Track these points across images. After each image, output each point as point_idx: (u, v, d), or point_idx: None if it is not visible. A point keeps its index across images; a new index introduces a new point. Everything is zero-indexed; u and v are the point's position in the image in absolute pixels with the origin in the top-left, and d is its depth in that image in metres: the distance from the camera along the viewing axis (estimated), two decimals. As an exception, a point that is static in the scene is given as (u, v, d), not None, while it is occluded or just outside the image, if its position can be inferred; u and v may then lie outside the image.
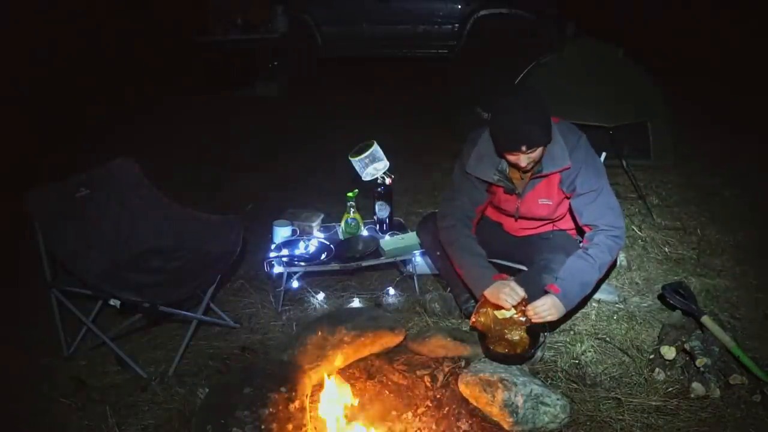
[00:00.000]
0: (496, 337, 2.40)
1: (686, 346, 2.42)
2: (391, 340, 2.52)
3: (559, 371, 2.48)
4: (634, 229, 3.62)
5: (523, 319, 2.33)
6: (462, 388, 2.26)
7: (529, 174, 2.39)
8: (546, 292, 2.30)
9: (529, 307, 2.27)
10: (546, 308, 2.24)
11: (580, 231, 2.53)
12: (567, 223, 2.62)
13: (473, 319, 2.38)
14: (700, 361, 2.35)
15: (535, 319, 2.27)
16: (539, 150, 2.26)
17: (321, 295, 3.07)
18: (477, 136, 2.48)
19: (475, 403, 2.21)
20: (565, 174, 2.37)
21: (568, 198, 2.45)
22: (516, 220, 2.60)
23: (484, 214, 2.72)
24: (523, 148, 2.21)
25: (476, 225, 2.59)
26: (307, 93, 6.98)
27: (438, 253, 2.75)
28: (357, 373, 2.43)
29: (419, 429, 2.13)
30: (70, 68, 7.19)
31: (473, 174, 2.47)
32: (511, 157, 2.29)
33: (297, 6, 7.38)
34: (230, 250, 2.70)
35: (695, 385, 2.32)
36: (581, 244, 2.42)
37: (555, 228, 2.63)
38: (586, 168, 2.35)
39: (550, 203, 2.46)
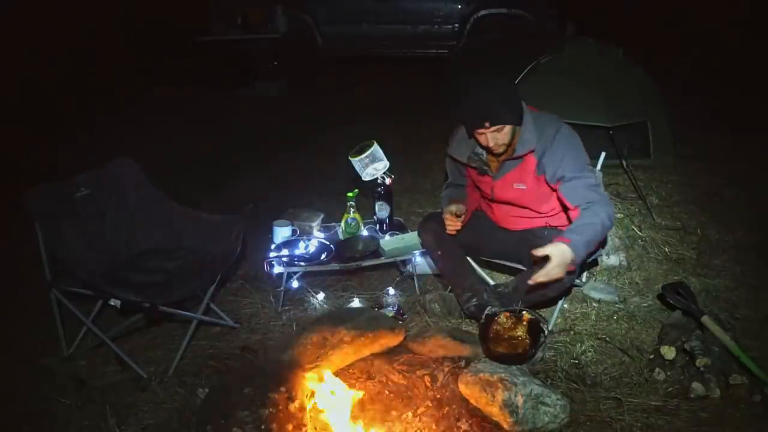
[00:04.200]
0: (497, 337, 2.41)
1: (686, 346, 2.43)
2: (391, 340, 2.52)
3: (559, 371, 2.48)
4: (634, 229, 3.62)
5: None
6: (462, 388, 2.26)
7: (501, 157, 2.46)
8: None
9: (540, 273, 2.16)
10: (555, 265, 2.14)
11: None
12: (559, 220, 2.62)
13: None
14: (700, 361, 2.35)
15: (542, 278, 2.17)
16: (506, 129, 2.32)
17: (321, 295, 3.07)
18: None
19: (475, 403, 2.21)
20: (547, 161, 2.39)
21: (553, 189, 2.45)
22: (491, 203, 2.65)
23: (481, 209, 2.78)
24: (487, 125, 2.28)
25: (470, 213, 2.69)
26: (307, 93, 6.97)
27: (439, 253, 2.76)
28: (357, 373, 2.43)
29: (419, 429, 2.14)
30: (69, 68, 7.19)
31: (452, 155, 2.62)
32: (480, 138, 2.36)
33: (297, 6, 7.37)
34: (230, 250, 2.70)
35: (695, 385, 2.32)
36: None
37: (548, 225, 2.63)
38: (568, 155, 2.38)
39: (524, 187, 2.50)
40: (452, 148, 2.62)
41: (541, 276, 2.16)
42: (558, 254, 2.15)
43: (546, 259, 2.16)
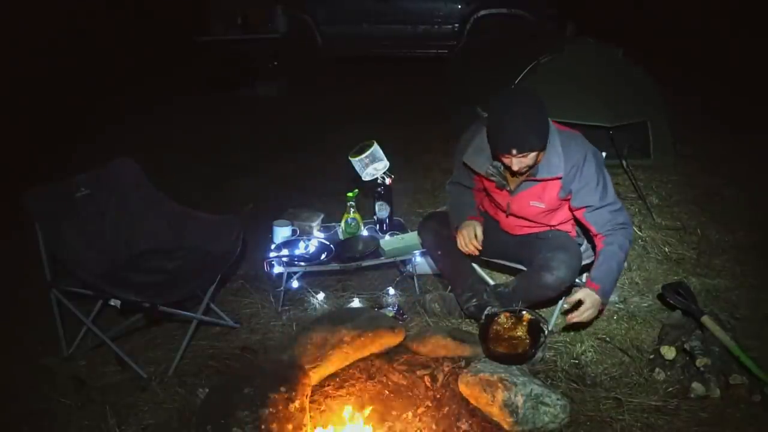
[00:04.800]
0: (497, 337, 2.41)
1: (686, 346, 2.43)
2: (391, 340, 2.52)
3: (559, 371, 2.48)
4: (634, 229, 3.62)
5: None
6: (462, 388, 2.26)
7: (522, 176, 2.40)
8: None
9: (574, 315, 2.31)
10: (587, 308, 2.29)
11: (589, 238, 2.56)
12: (565, 227, 2.62)
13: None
14: (700, 361, 2.35)
15: (576, 319, 2.31)
16: (532, 155, 2.26)
17: (321, 295, 3.07)
18: (479, 128, 2.50)
19: (475, 403, 2.21)
20: (575, 188, 2.37)
21: (572, 210, 2.46)
22: (507, 217, 2.62)
23: (483, 209, 2.76)
24: (514, 152, 2.22)
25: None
26: (307, 93, 6.97)
27: (439, 253, 2.76)
28: (357, 373, 2.43)
29: (419, 429, 2.14)
30: (70, 68, 7.19)
31: (468, 163, 2.53)
32: (505, 160, 2.31)
33: (297, 6, 7.37)
34: (230, 250, 2.70)
35: (695, 385, 2.32)
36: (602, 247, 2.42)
37: (552, 228, 2.63)
38: (597, 185, 2.36)
39: (542, 206, 2.47)
40: (467, 155, 2.52)
41: (575, 317, 2.31)
42: (590, 299, 2.29)
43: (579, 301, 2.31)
